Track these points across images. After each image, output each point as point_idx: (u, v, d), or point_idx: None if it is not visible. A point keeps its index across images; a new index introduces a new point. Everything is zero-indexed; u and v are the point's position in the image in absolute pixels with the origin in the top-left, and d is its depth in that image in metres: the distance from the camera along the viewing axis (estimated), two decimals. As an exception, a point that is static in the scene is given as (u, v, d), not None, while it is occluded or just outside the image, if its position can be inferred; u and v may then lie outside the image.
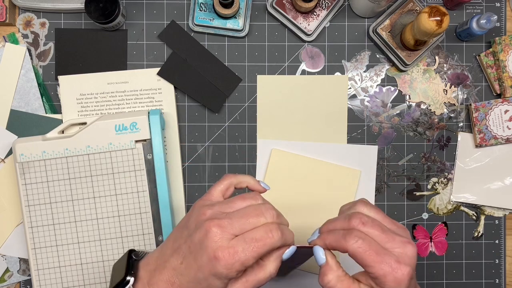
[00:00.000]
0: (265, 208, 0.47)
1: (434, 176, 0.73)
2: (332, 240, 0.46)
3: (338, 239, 0.45)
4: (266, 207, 0.48)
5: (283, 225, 0.48)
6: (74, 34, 0.71)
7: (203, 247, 0.44)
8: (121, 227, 0.67)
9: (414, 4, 0.70)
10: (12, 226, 0.70)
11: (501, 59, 0.70)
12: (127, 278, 0.47)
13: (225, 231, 0.44)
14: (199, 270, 0.44)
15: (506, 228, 0.74)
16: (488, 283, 0.74)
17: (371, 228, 0.45)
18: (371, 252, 0.44)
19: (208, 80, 0.71)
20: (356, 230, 0.45)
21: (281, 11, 0.70)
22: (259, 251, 0.44)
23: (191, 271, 0.45)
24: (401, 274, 0.43)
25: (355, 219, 0.46)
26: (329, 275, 0.46)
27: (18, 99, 0.70)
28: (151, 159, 0.66)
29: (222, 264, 0.43)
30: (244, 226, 0.45)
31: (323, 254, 0.47)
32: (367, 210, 0.48)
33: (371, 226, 0.46)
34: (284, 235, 0.46)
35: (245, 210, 0.47)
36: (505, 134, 0.71)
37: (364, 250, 0.44)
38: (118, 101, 0.70)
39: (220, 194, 0.50)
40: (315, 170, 0.71)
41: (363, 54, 0.73)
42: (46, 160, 0.66)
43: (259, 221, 0.46)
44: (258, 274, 0.46)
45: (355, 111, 0.73)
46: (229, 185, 0.51)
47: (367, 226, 0.45)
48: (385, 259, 0.43)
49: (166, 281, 0.46)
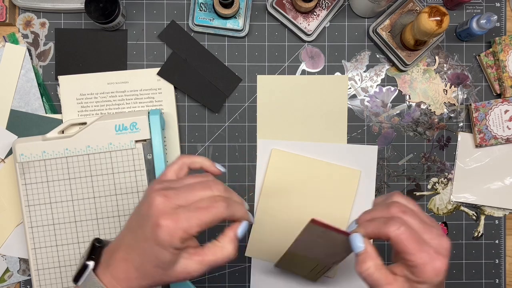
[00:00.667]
0: (213, 183, 0.47)
1: (434, 176, 0.73)
2: (373, 228, 0.46)
3: (379, 226, 0.45)
4: (215, 182, 0.48)
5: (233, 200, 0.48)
6: (74, 34, 0.71)
7: (148, 216, 0.45)
8: (121, 227, 0.67)
9: (414, 4, 0.70)
10: (12, 226, 0.70)
11: (501, 59, 0.70)
12: (87, 262, 0.47)
13: (169, 200, 0.45)
14: (145, 240, 0.45)
15: (506, 228, 0.74)
16: (488, 283, 0.74)
17: (411, 217, 0.46)
18: (413, 240, 0.44)
19: (208, 80, 0.71)
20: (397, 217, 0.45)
21: (281, 11, 0.70)
22: (202, 218, 0.44)
23: (139, 244, 0.45)
24: (439, 264, 0.44)
25: (395, 207, 0.47)
26: (368, 262, 0.46)
27: (18, 99, 0.70)
28: (151, 159, 0.66)
29: (164, 231, 0.43)
30: (190, 198, 0.46)
31: (361, 242, 0.46)
32: (405, 200, 0.48)
33: (411, 215, 0.46)
34: (231, 207, 0.46)
35: (193, 184, 0.47)
36: (505, 134, 0.71)
37: (406, 237, 0.44)
38: (118, 101, 0.70)
39: (174, 173, 0.50)
40: (315, 170, 0.71)
41: (363, 54, 0.73)
42: (46, 160, 0.66)
43: (205, 194, 0.46)
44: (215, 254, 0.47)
45: (355, 111, 0.73)
46: (182, 165, 0.51)
47: (407, 215, 0.46)
48: (425, 248, 0.44)
49: (121, 259, 0.46)
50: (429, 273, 0.44)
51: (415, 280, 0.44)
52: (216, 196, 0.47)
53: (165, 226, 0.43)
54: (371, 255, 0.46)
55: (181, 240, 0.44)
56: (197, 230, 0.44)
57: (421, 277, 0.44)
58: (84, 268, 0.47)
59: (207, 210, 0.45)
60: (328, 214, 0.71)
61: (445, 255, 0.45)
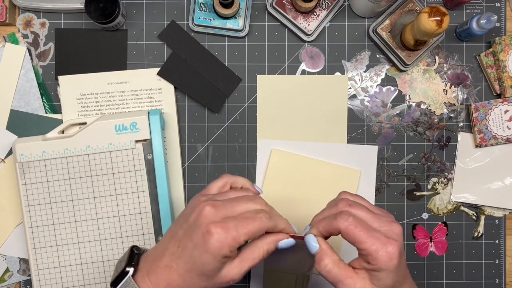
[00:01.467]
0: (255, 197, 0.50)
1: (434, 176, 0.73)
2: (324, 225, 0.48)
3: (329, 222, 0.48)
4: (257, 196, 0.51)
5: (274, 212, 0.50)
6: (74, 34, 0.71)
7: (197, 225, 0.46)
8: (121, 227, 0.67)
9: (414, 4, 0.70)
10: (12, 226, 0.70)
11: (501, 59, 0.70)
12: (127, 268, 0.48)
13: (218, 210, 0.47)
14: (194, 248, 0.46)
15: (506, 228, 0.74)
16: (488, 283, 0.74)
17: (358, 209, 0.48)
18: (362, 229, 0.46)
19: (208, 80, 0.71)
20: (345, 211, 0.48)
21: (281, 11, 0.70)
22: (249, 227, 0.46)
23: (187, 251, 0.46)
24: (391, 248, 0.45)
25: (341, 203, 0.49)
26: (325, 260, 0.47)
27: (18, 99, 0.70)
28: (151, 159, 0.66)
29: (215, 238, 0.45)
30: (236, 209, 0.48)
31: (315, 241, 0.49)
32: (351, 196, 0.51)
33: (358, 207, 0.48)
34: (273, 219, 0.48)
35: (237, 198, 0.50)
36: (505, 134, 0.71)
37: (355, 227, 0.46)
38: (118, 101, 0.70)
39: (217, 189, 0.53)
40: (315, 170, 0.71)
41: (363, 54, 0.73)
42: (46, 160, 0.66)
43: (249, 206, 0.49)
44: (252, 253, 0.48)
45: (355, 111, 0.73)
46: (226, 183, 0.53)
47: (353, 208, 0.48)
48: (375, 235, 0.45)
49: (164, 267, 0.47)
50: (382, 258, 0.45)
51: (372, 268, 0.46)
52: (259, 209, 0.49)
53: (215, 234, 0.45)
54: (327, 252, 0.48)
55: (230, 249, 0.45)
56: (244, 239, 0.46)
57: (376, 263, 0.45)
58: (124, 274, 0.48)
59: (253, 220, 0.47)
60: (328, 214, 0.71)
61: (396, 239, 0.46)
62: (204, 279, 0.47)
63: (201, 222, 0.46)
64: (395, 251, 0.45)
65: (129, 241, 0.67)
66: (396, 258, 0.45)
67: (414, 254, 0.73)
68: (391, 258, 0.45)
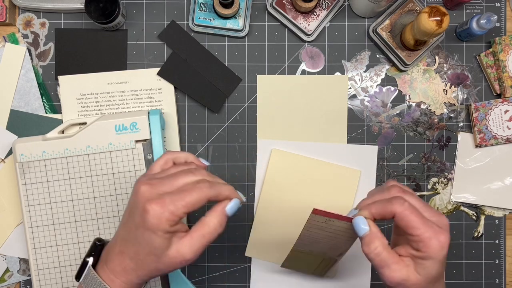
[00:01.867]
0: (195, 169, 0.49)
1: (434, 176, 0.73)
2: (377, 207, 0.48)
3: (383, 205, 0.47)
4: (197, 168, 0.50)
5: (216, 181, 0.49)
6: (74, 34, 0.71)
7: (135, 205, 0.47)
8: (121, 227, 0.67)
9: (414, 4, 0.70)
10: (12, 226, 0.70)
11: (501, 59, 0.70)
12: (87, 259, 0.50)
13: (154, 188, 0.47)
14: (136, 228, 0.46)
15: (506, 228, 0.74)
16: (488, 283, 0.74)
17: (411, 197, 0.48)
18: (417, 215, 0.45)
19: (208, 80, 0.71)
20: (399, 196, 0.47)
21: (281, 11, 0.70)
22: (186, 199, 0.46)
23: (132, 233, 0.47)
24: (444, 238, 0.45)
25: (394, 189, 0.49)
26: (375, 242, 0.47)
27: (18, 99, 0.70)
28: (151, 159, 0.66)
29: (152, 215, 0.45)
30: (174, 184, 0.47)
31: (365, 224, 0.47)
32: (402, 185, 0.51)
33: (410, 195, 0.48)
34: (215, 187, 0.48)
35: (176, 172, 0.49)
36: (505, 134, 0.71)
37: (411, 212, 0.45)
38: (118, 101, 0.70)
39: (159, 168, 0.52)
40: (315, 170, 0.71)
41: (363, 54, 0.73)
42: (46, 160, 0.66)
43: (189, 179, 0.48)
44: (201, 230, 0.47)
45: (355, 111, 0.73)
46: (167, 160, 0.52)
47: (407, 195, 0.48)
48: (428, 223, 0.45)
49: (118, 253, 0.48)
50: (434, 246, 0.45)
51: (420, 256, 0.45)
52: (199, 179, 0.48)
53: (151, 210, 0.45)
54: (378, 235, 0.47)
55: (169, 223, 0.45)
56: (183, 211, 0.45)
57: (427, 251, 0.45)
58: (85, 265, 0.49)
59: (191, 191, 0.46)
60: (328, 214, 0.71)
61: (447, 230, 0.46)
62: (154, 259, 0.46)
63: (138, 201, 0.46)
64: (446, 241, 0.45)
65: (129, 241, 0.67)
66: (446, 248, 0.45)
67: (414, 254, 0.73)
68: (442, 248, 0.45)
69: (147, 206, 0.45)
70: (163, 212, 0.45)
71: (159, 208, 0.45)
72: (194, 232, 0.47)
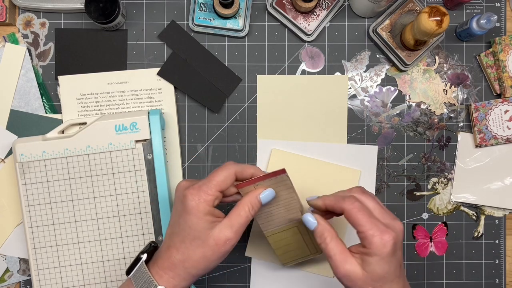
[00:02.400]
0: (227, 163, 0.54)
1: (434, 176, 0.73)
2: (330, 200, 0.52)
3: (336, 200, 0.51)
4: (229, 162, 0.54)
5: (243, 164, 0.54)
6: (74, 34, 0.71)
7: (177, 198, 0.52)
8: (121, 227, 0.67)
9: (414, 4, 0.70)
10: (12, 226, 0.70)
11: (501, 59, 0.70)
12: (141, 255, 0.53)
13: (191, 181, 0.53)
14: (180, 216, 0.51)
15: (506, 228, 0.74)
16: (488, 283, 0.74)
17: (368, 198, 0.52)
18: (364, 214, 0.49)
19: (208, 80, 0.71)
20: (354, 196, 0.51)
21: (281, 11, 0.70)
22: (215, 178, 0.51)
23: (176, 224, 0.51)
24: (387, 236, 0.48)
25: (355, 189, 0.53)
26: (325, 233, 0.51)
27: (18, 99, 0.70)
28: (151, 159, 0.66)
29: (189, 199, 0.50)
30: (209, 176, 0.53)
31: (312, 217, 0.52)
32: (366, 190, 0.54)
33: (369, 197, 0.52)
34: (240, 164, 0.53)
35: None
36: (505, 134, 0.71)
37: (358, 210, 0.49)
38: (118, 101, 0.70)
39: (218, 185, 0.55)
40: (315, 170, 0.71)
41: (363, 54, 0.73)
42: (46, 160, 0.66)
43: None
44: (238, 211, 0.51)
45: (355, 111, 0.73)
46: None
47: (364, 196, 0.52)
48: (374, 222, 0.49)
49: (165, 249, 0.52)
50: (376, 243, 0.48)
51: (365, 252, 0.48)
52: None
53: (189, 195, 0.50)
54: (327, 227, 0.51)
55: (206, 203, 0.50)
56: (216, 189, 0.51)
57: (370, 248, 0.48)
58: (137, 261, 0.53)
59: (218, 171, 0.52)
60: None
61: (395, 232, 0.49)
62: (199, 243, 0.50)
63: (178, 193, 0.52)
64: (390, 239, 0.48)
65: (129, 241, 0.67)
66: (389, 247, 0.48)
67: (414, 254, 0.73)
68: (384, 245, 0.48)
69: (185, 192, 0.51)
70: (199, 194, 0.50)
71: (196, 192, 0.50)
72: (231, 213, 0.52)
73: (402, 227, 0.50)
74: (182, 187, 0.52)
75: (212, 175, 0.52)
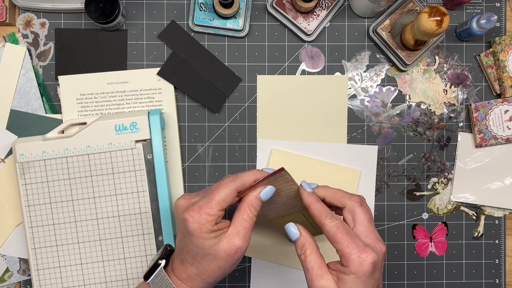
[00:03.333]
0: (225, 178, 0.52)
1: (434, 176, 0.73)
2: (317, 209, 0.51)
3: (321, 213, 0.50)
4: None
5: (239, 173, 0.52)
6: (74, 34, 0.71)
7: (177, 218, 0.52)
8: (121, 227, 0.67)
9: (414, 4, 0.70)
10: (12, 226, 0.70)
11: (501, 59, 0.70)
12: (159, 261, 0.53)
13: (188, 199, 0.52)
14: (185, 237, 0.50)
15: (506, 228, 0.74)
16: (488, 283, 0.74)
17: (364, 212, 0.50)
18: (344, 231, 0.48)
19: (208, 80, 0.71)
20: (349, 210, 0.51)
21: (281, 11, 0.70)
22: (216, 197, 0.49)
23: (184, 243, 0.51)
24: (365, 256, 0.46)
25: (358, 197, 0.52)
26: (306, 245, 0.50)
27: (18, 99, 0.70)
28: (151, 159, 0.66)
29: (191, 222, 0.49)
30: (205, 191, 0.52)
31: (295, 228, 0.51)
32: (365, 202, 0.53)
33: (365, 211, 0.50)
34: (238, 177, 0.51)
35: None
36: (505, 134, 0.71)
37: (337, 228, 0.48)
38: (118, 101, 0.70)
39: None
40: (315, 170, 0.71)
41: (363, 54, 0.73)
42: (46, 160, 0.66)
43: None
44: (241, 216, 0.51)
45: (355, 111, 0.73)
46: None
47: (362, 207, 0.50)
48: (354, 240, 0.47)
49: (179, 262, 0.52)
50: (353, 262, 0.46)
51: (342, 270, 0.47)
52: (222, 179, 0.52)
53: (190, 218, 0.49)
54: (308, 239, 0.50)
55: (209, 224, 0.49)
56: (218, 209, 0.49)
57: (347, 266, 0.46)
58: (155, 267, 0.53)
59: (218, 189, 0.50)
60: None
61: (376, 252, 0.47)
62: (211, 258, 0.49)
63: (178, 214, 0.51)
64: (368, 259, 0.46)
65: (129, 241, 0.67)
66: (367, 266, 0.46)
67: (414, 254, 0.73)
68: (361, 264, 0.46)
69: (185, 215, 0.49)
70: (200, 216, 0.49)
71: (196, 214, 0.49)
72: (235, 219, 0.51)
73: (384, 249, 0.48)
74: (181, 208, 0.51)
75: (212, 194, 0.50)
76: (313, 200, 0.52)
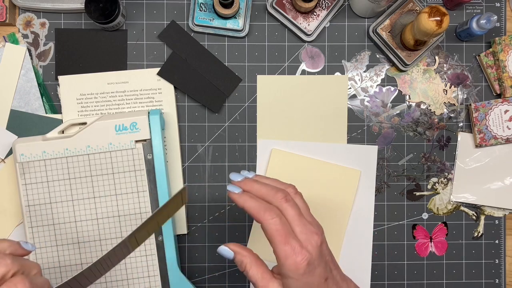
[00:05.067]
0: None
1: (434, 176, 0.73)
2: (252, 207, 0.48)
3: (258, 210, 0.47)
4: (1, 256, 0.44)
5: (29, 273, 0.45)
6: (74, 34, 0.71)
7: None
8: (121, 227, 0.67)
9: (414, 4, 0.70)
10: (12, 226, 0.70)
11: (501, 59, 0.70)
12: None
13: None
14: None
15: (506, 228, 0.74)
16: (488, 283, 0.74)
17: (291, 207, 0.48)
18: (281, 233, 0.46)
19: (208, 80, 0.71)
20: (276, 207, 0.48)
21: (281, 11, 0.70)
22: None
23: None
24: (300, 258, 0.46)
25: (281, 193, 0.49)
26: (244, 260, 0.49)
27: (18, 99, 0.70)
28: (151, 159, 0.66)
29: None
30: None
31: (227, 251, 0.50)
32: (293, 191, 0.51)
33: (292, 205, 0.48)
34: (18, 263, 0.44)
35: None
36: (505, 134, 0.71)
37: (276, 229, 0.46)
38: (118, 101, 0.70)
39: None
40: (315, 170, 0.71)
41: (363, 54, 0.73)
42: (46, 160, 0.66)
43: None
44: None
45: (355, 111, 0.73)
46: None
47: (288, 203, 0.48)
48: (291, 242, 0.46)
49: None
50: (289, 265, 0.46)
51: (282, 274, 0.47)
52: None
53: None
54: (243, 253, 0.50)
55: None
56: None
57: (284, 270, 0.46)
58: None
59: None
60: (328, 214, 0.71)
61: (310, 251, 0.46)
62: None
63: None
64: (303, 262, 0.45)
65: (129, 241, 0.67)
66: (302, 269, 0.46)
67: (414, 254, 0.73)
68: (297, 268, 0.46)
69: None
70: None
71: None
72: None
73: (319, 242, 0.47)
74: None
75: None
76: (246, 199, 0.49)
